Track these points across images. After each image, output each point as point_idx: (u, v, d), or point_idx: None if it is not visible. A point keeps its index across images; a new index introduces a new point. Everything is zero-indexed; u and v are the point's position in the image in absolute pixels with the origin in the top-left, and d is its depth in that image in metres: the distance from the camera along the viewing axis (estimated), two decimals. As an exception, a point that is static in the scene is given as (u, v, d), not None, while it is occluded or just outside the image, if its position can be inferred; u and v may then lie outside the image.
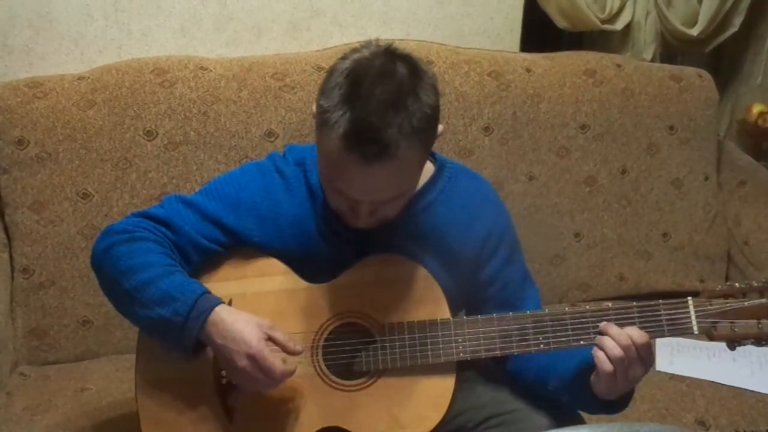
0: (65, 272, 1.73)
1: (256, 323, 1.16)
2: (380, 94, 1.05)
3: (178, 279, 1.19)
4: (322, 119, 1.09)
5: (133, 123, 1.75)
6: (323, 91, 1.10)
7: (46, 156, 1.71)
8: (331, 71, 1.11)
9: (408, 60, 1.11)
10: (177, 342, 1.16)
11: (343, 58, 1.12)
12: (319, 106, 1.10)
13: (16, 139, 1.69)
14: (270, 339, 1.16)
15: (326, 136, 1.08)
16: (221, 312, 1.16)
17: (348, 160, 1.07)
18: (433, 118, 1.11)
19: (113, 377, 1.65)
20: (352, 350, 1.22)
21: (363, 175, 1.08)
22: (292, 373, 1.17)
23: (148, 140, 1.76)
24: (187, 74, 1.80)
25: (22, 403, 1.56)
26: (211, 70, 1.82)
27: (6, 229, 1.73)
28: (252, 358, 1.13)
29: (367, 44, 1.13)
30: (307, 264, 1.25)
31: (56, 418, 1.52)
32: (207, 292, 1.18)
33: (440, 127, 1.16)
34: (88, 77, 1.77)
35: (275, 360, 1.14)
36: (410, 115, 1.06)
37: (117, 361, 1.71)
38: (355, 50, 1.13)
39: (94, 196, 1.74)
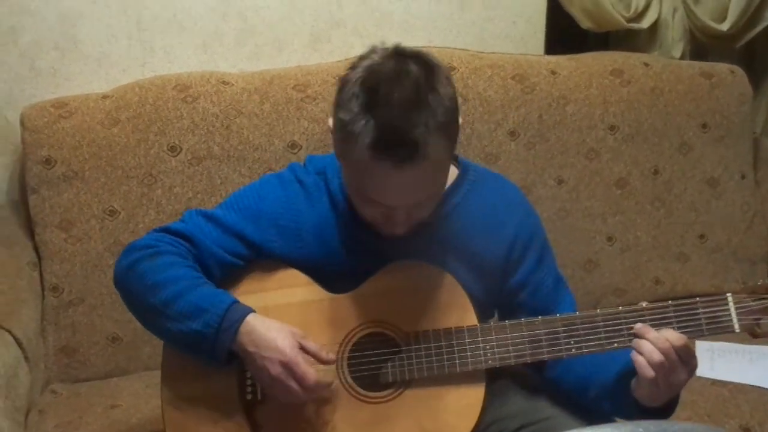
0: (94, 289, 1.73)
1: (288, 331, 1.15)
2: (400, 96, 1.04)
3: (206, 291, 1.18)
4: (345, 133, 1.07)
5: (157, 139, 1.76)
6: (339, 104, 1.08)
7: (73, 174, 1.72)
8: (344, 82, 1.09)
9: (418, 57, 1.10)
10: (209, 354, 1.15)
11: (353, 67, 1.10)
12: (338, 120, 1.08)
13: (44, 159, 1.71)
14: (302, 348, 1.15)
15: (351, 148, 1.07)
16: (253, 321, 1.15)
17: (380, 168, 1.05)
18: (454, 110, 1.10)
19: (143, 394, 1.65)
20: (378, 361, 1.20)
21: (397, 180, 1.06)
22: (328, 385, 1.15)
23: (172, 156, 1.76)
24: (209, 89, 1.80)
25: (53, 420, 1.57)
26: (232, 84, 1.82)
27: (36, 248, 1.75)
28: (286, 365, 1.12)
29: (374, 50, 1.12)
30: (330, 274, 1.23)
31: (87, 435, 1.52)
32: (236, 301, 1.17)
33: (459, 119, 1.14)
34: (112, 95, 1.79)
35: (309, 368, 1.13)
36: (433, 111, 1.05)
37: (146, 377, 1.71)
38: (363, 58, 1.11)
39: (120, 213, 1.74)
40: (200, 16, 1.94)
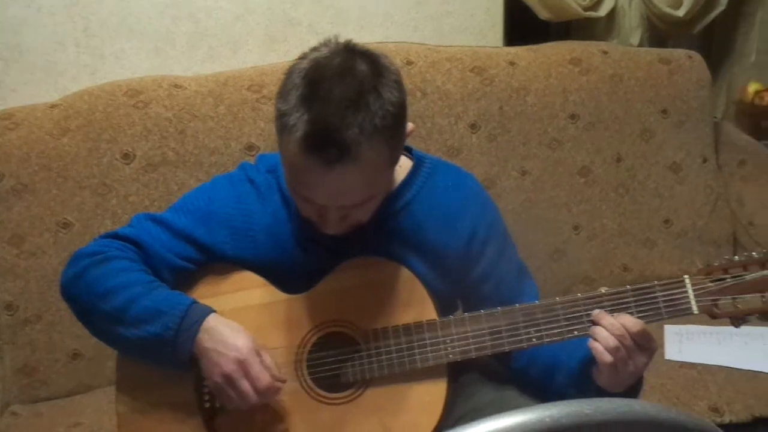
0: (51, 305, 1.69)
1: (248, 334, 1.12)
2: (339, 94, 1.01)
3: (162, 293, 1.15)
4: (281, 123, 1.04)
5: (109, 147, 1.72)
6: (281, 94, 1.05)
7: (22, 187, 1.67)
8: (290, 72, 1.06)
9: (369, 56, 1.06)
10: (171, 357, 1.12)
11: (302, 57, 1.07)
12: (277, 110, 1.05)
13: (-9, 173, 1.66)
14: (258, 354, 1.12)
15: (286, 140, 1.04)
16: (213, 320, 1.12)
17: (309, 165, 1.02)
18: (398, 116, 1.05)
19: (106, 409, 1.59)
20: (338, 361, 1.17)
21: (326, 180, 1.03)
22: (278, 390, 1.12)
23: (125, 164, 1.72)
24: (161, 93, 1.76)
25: (13, 443, 1.52)
26: (185, 88, 1.79)
27: (-14, 266, 1.70)
28: (241, 363, 1.09)
29: (327, 42, 1.09)
30: (284, 274, 1.20)
31: (48, 455, 1.48)
32: (195, 302, 1.14)
33: (409, 125, 1.11)
34: (60, 104, 1.75)
35: (264, 371, 1.10)
36: (372, 114, 1.01)
37: (110, 392, 1.60)
38: (314, 49, 1.08)
39: (74, 224, 1.70)
40: (150, 20, 1.90)
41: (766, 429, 1.47)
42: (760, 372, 1.60)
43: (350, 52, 1.07)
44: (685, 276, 1.10)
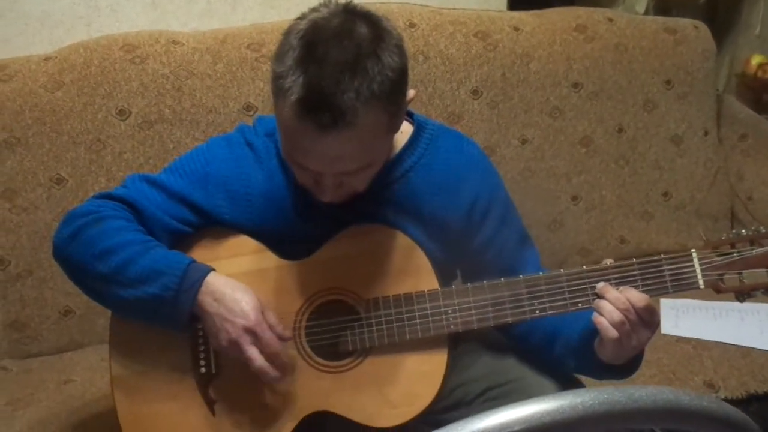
0: (43, 261, 1.66)
1: (253, 294, 1.10)
2: (336, 57, 0.97)
3: (160, 253, 1.12)
4: (276, 86, 1.00)
5: (104, 103, 1.68)
6: (277, 55, 1.01)
7: (15, 141, 1.64)
8: (287, 33, 1.02)
9: (369, 19, 1.02)
10: (170, 318, 1.10)
11: (300, 18, 1.03)
12: (272, 72, 1.02)
13: (-18, 126, 1.62)
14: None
15: (281, 104, 1.00)
16: (214, 280, 1.10)
17: (303, 130, 0.99)
18: (398, 82, 1.02)
19: (98, 367, 1.59)
20: (337, 329, 1.15)
21: (320, 146, 1.00)
22: (286, 355, 1.11)
23: (121, 120, 1.68)
24: (158, 49, 1.72)
25: (3, 398, 1.51)
26: (183, 44, 1.74)
27: (-23, 220, 1.67)
28: (249, 330, 1.07)
29: (327, 3, 1.05)
30: (282, 240, 1.18)
31: (39, 412, 1.46)
32: (194, 261, 1.12)
33: (411, 92, 1.08)
34: (55, 57, 1.70)
35: (274, 336, 1.09)
36: (370, 79, 0.98)
37: (101, 350, 1.62)
38: (313, 10, 1.04)
39: (68, 180, 1.67)
40: (147, -28, 1.85)
41: (760, 405, 1.47)
42: (755, 348, 1.61)
43: (350, 13, 1.03)
44: (693, 250, 1.09)
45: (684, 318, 1.72)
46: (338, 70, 0.97)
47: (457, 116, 1.87)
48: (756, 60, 2.38)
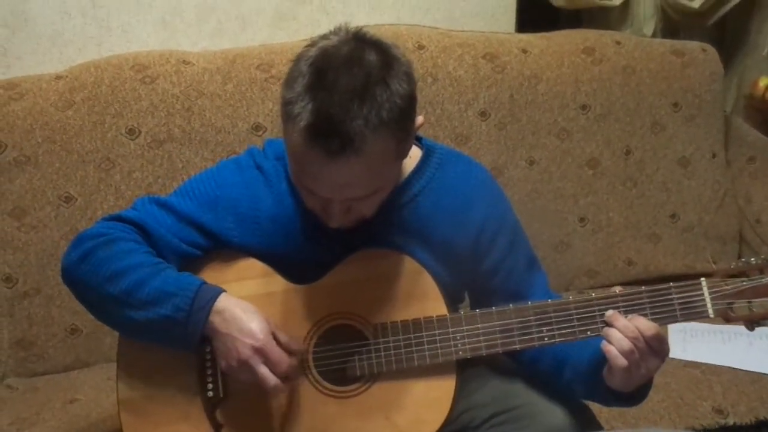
0: (50, 279, 1.66)
1: (263, 316, 1.10)
2: (346, 84, 0.98)
3: (171, 274, 1.13)
4: (286, 111, 1.01)
5: (114, 122, 1.69)
6: (287, 82, 1.02)
7: (25, 159, 1.65)
8: (297, 60, 1.03)
9: (379, 46, 1.03)
10: (181, 339, 1.10)
11: (311, 45, 1.04)
12: (282, 98, 1.02)
13: (-7, 144, 1.63)
14: (273, 336, 1.10)
15: (290, 129, 1.01)
16: (225, 301, 1.10)
17: (312, 156, 1.00)
18: (406, 108, 1.03)
19: (103, 387, 1.59)
20: (345, 354, 1.15)
21: (328, 172, 1.01)
22: (297, 373, 1.11)
23: (130, 139, 1.69)
24: (168, 69, 1.73)
25: (8, 417, 1.51)
26: (193, 64, 1.75)
27: (-14, 238, 1.67)
28: (258, 350, 1.07)
29: (337, 30, 1.06)
30: (291, 264, 1.18)
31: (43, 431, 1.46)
32: (205, 282, 1.12)
33: (419, 119, 1.09)
34: (66, 76, 1.71)
35: (283, 354, 1.09)
36: (379, 106, 0.98)
37: (108, 369, 1.64)
38: (323, 37, 1.05)
39: (77, 199, 1.67)
40: (159, -8, 1.86)
41: (769, 433, 1.47)
42: (765, 374, 1.60)
43: (360, 41, 1.04)
44: (702, 278, 1.09)
45: (692, 342, 1.71)
46: (347, 97, 0.97)
47: (465, 137, 1.88)
48: (764, 82, 2.37)
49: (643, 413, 1.48)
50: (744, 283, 1.08)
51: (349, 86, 0.98)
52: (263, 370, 1.08)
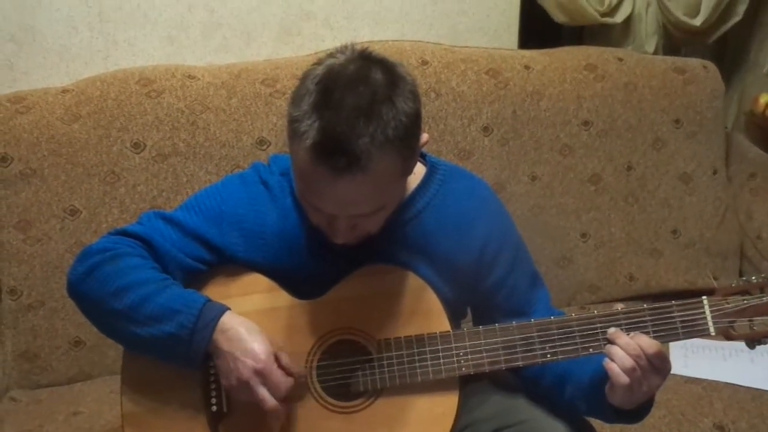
0: (55, 292, 1.67)
1: (266, 336, 1.11)
2: (352, 102, 0.99)
3: (176, 291, 1.13)
4: (292, 129, 1.02)
5: (119, 135, 1.70)
6: (293, 100, 1.04)
7: (31, 172, 1.66)
8: (303, 78, 1.04)
9: (385, 65, 1.05)
10: (185, 357, 1.11)
11: (317, 63, 1.06)
12: (288, 116, 1.04)
13: (0, 156, 1.64)
14: (275, 357, 1.11)
15: (296, 147, 1.02)
16: (229, 320, 1.11)
17: (317, 173, 1.01)
18: (411, 126, 1.04)
19: (106, 399, 1.60)
20: (348, 369, 1.16)
21: (334, 189, 1.02)
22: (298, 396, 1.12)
23: (135, 153, 1.70)
24: (174, 83, 1.75)
25: (12, 429, 1.52)
26: (198, 78, 1.77)
27: (-8, 250, 1.68)
28: (259, 372, 1.08)
29: (343, 49, 1.07)
30: (296, 279, 1.18)
31: (47, 444, 1.47)
32: (209, 300, 1.12)
33: (424, 136, 1.10)
34: (72, 90, 1.73)
35: (283, 377, 1.09)
36: (384, 124, 0.99)
37: (111, 382, 1.65)
38: (330, 55, 1.06)
39: (81, 212, 1.68)
40: (165, 7, 1.88)
41: (770, 450, 1.47)
42: (766, 391, 1.60)
43: (366, 59, 1.05)
44: (704, 297, 1.10)
45: (694, 358, 1.72)
46: (353, 115, 0.99)
47: (467, 153, 1.89)
48: (764, 98, 2.38)
49: (644, 429, 1.48)
50: (745, 301, 1.09)
51: (356, 105, 0.99)
52: (262, 392, 1.09)
